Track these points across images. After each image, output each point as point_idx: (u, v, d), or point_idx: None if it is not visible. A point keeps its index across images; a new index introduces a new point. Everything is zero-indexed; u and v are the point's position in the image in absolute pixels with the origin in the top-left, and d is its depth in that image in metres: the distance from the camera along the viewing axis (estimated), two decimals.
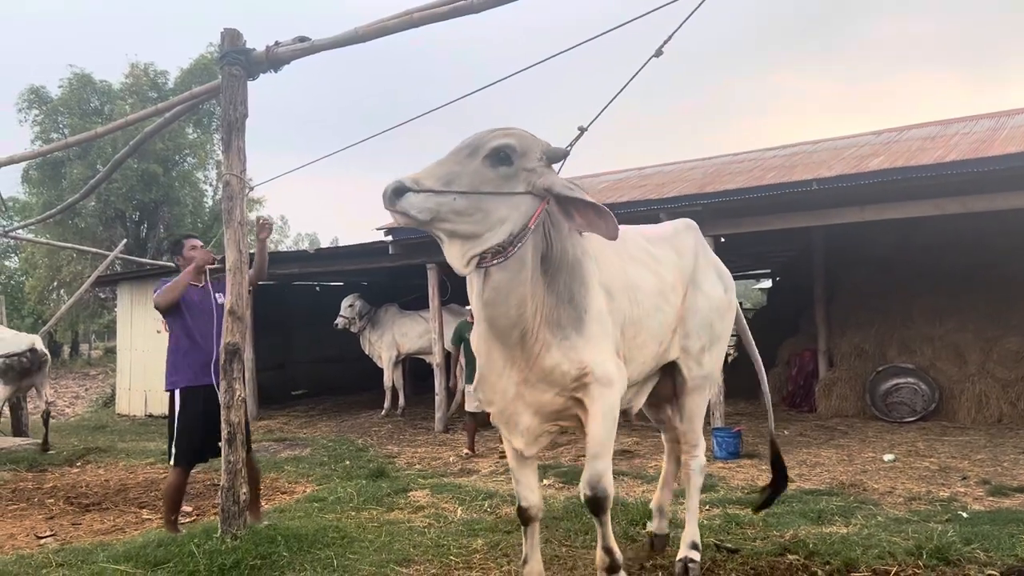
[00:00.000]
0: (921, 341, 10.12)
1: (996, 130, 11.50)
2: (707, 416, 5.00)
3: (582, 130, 3.40)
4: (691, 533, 4.15)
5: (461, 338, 8.30)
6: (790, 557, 4.18)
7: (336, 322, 12.06)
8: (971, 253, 9.87)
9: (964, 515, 5.19)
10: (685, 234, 4.21)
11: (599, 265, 3.48)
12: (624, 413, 3.82)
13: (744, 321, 4.64)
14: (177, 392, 5.03)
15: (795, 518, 5.13)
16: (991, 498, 5.80)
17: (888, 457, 7.41)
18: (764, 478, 6.67)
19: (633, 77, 3.65)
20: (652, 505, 4.61)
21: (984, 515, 5.16)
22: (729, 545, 4.49)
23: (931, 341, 10.06)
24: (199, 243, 5.39)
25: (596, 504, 3.44)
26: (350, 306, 12.05)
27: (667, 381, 4.19)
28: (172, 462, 5.06)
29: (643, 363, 3.77)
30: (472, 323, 4.05)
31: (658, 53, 3.59)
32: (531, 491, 3.62)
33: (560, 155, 3.26)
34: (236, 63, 4.76)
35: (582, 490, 3.48)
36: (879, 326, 10.47)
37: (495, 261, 3.07)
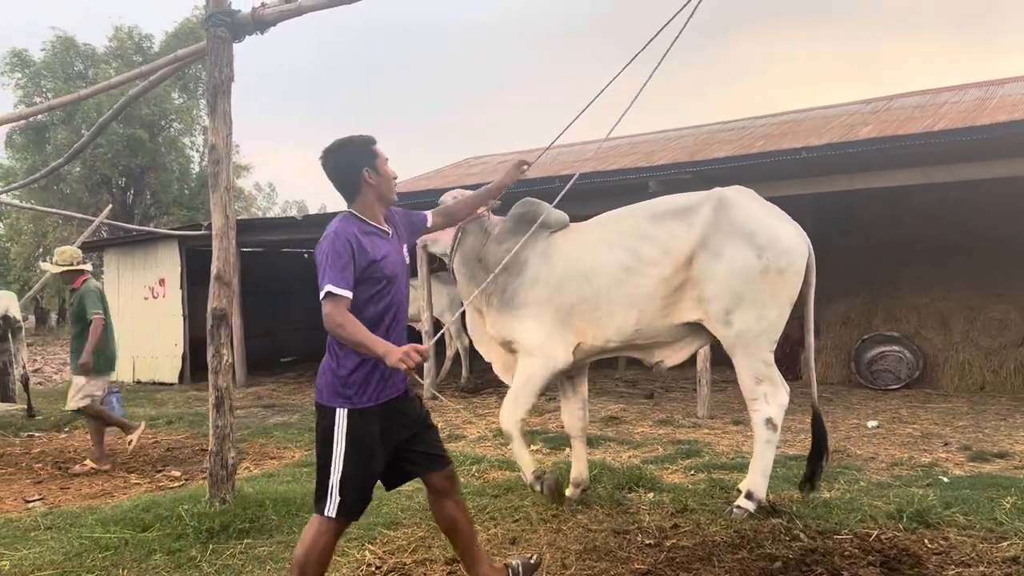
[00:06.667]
0: (907, 309, 10.21)
1: (985, 99, 11.52)
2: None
3: (533, 163, 4.41)
4: (747, 483, 4.47)
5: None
6: (773, 520, 4.24)
7: None
8: (958, 222, 9.92)
9: (945, 480, 5.27)
10: (703, 206, 4.45)
11: (552, 263, 4.55)
12: (657, 366, 4.72)
13: (809, 290, 4.63)
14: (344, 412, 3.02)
15: (779, 483, 5.20)
16: (972, 463, 5.89)
17: (872, 424, 7.50)
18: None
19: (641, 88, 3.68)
20: None
21: (964, 480, 5.24)
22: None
23: (916, 309, 10.15)
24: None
25: (503, 432, 4.63)
26: None
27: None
28: (329, 512, 2.96)
29: (620, 326, 4.46)
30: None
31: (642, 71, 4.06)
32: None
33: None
34: (221, 25, 4.70)
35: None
36: (865, 295, 10.55)
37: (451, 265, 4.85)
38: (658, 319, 4.44)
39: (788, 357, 11.15)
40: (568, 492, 4.78)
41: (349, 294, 2.92)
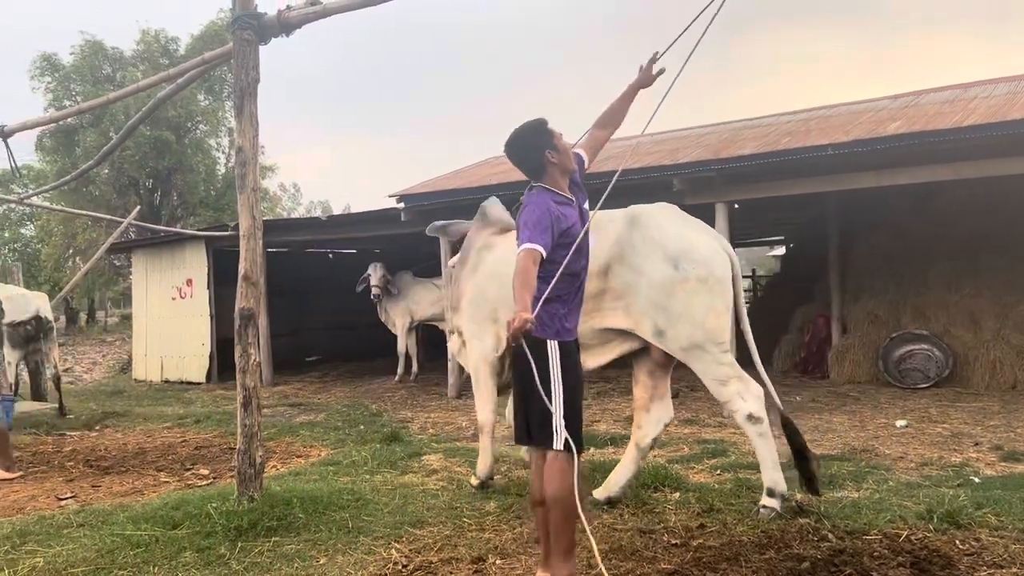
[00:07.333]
0: (936, 307, 10.05)
1: (1016, 94, 11.33)
2: None
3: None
4: (765, 480, 4.44)
5: None
6: (801, 520, 4.21)
7: (373, 294, 12.04)
8: (988, 218, 9.77)
9: (976, 480, 5.19)
10: (617, 221, 4.63)
11: (477, 270, 5.09)
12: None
13: (739, 298, 4.63)
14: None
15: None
16: (1003, 463, 5.80)
17: (900, 423, 7.41)
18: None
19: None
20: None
21: (996, 480, 5.16)
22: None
23: (946, 307, 9.99)
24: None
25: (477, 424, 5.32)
26: (382, 276, 12.06)
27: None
28: (558, 444, 3.24)
29: None
30: None
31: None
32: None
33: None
34: (248, 27, 4.73)
35: None
36: (893, 292, 10.41)
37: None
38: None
39: (816, 356, 11.07)
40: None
41: (543, 250, 3.20)
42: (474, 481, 5.27)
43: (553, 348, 3.28)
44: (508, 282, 4.53)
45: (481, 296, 5.06)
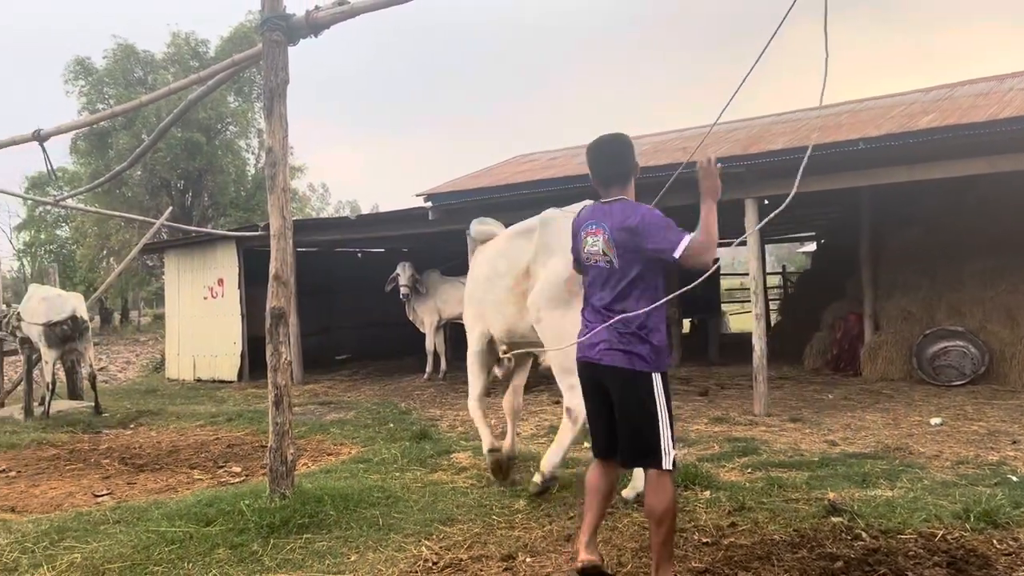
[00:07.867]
0: (971, 303, 9.86)
1: None
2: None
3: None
4: (545, 460, 4.90)
5: None
6: (834, 519, 4.16)
7: (402, 293, 12.11)
8: None
9: (1014, 479, 5.09)
10: (537, 228, 4.94)
11: (469, 276, 5.75)
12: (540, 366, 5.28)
13: None
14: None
15: (839, 481, 5.10)
16: None
17: (935, 421, 7.30)
18: (808, 441, 6.64)
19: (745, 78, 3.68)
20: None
21: None
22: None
23: (982, 303, 9.79)
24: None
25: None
26: (411, 275, 12.12)
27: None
28: (667, 464, 3.32)
29: (497, 326, 5.23)
30: None
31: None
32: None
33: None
34: (277, 28, 4.78)
35: None
36: (927, 289, 10.23)
37: None
38: (519, 322, 5.04)
39: (848, 353, 10.94)
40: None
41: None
42: (489, 460, 5.40)
43: (657, 380, 3.37)
44: (487, 284, 5.29)
45: (470, 298, 5.60)
